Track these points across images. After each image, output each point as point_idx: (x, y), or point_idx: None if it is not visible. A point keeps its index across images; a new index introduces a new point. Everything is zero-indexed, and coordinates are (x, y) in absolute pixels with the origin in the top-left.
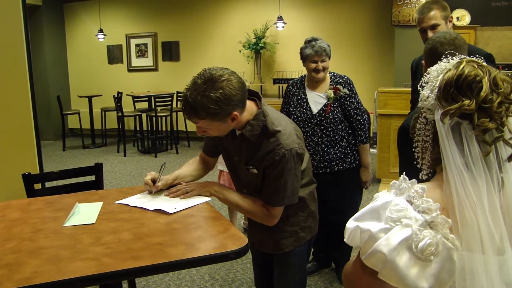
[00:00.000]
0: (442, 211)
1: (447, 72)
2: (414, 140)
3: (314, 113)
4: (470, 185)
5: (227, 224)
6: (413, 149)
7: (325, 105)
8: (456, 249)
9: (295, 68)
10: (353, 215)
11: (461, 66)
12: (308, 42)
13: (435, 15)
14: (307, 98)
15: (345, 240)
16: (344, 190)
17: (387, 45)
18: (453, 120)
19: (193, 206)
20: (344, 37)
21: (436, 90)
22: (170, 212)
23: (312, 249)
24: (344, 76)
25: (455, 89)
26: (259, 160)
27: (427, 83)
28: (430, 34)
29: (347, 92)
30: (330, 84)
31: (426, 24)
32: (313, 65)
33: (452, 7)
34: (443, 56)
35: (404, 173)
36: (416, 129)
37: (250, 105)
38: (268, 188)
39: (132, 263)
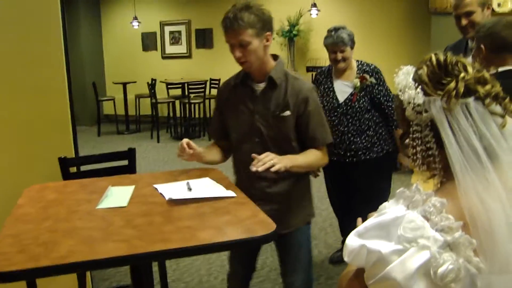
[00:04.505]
0: (464, 228)
1: (418, 70)
2: (412, 158)
3: (340, 102)
4: (491, 180)
5: (256, 210)
6: (416, 169)
7: (351, 94)
8: (481, 272)
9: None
10: (381, 203)
11: (429, 59)
12: (329, 31)
13: (471, 1)
14: (333, 87)
15: (344, 258)
16: (372, 179)
17: (423, 34)
18: (458, 101)
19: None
20: (379, 25)
21: (419, 87)
22: (167, 198)
23: (342, 239)
24: (371, 64)
25: (444, 73)
26: (290, 101)
27: (401, 90)
28: (464, 21)
29: (374, 81)
30: (357, 73)
31: (460, 11)
32: (332, 55)
33: None
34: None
35: (417, 182)
36: (411, 145)
37: (271, 57)
38: (313, 126)
39: (161, 245)
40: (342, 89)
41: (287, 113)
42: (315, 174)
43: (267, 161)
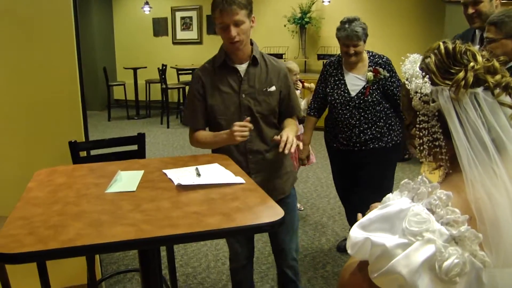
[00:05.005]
0: (470, 221)
1: (425, 58)
2: (418, 148)
3: (352, 95)
4: (500, 172)
5: (264, 197)
6: (422, 160)
7: (364, 88)
8: (486, 266)
9: None
10: (386, 191)
11: (437, 47)
12: (342, 23)
13: None
14: (344, 80)
15: (348, 251)
16: (379, 168)
17: (436, 23)
18: (467, 91)
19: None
20: (391, 14)
21: (427, 77)
22: (176, 183)
23: (349, 227)
24: (383, 56)
25: (452, 62)
26: (273, 78)
27: (408, 79)
28: (470, 10)
29: (387, 74)
30: (369, 65)
31: None
32: (344, 49)
33: None
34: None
35: (423, 174)
36: (418, 136)
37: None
38: (293, 97)
39: (169, 230)
40: (354, 82)
41: (273, 88)
42: (303, 163)
43: (291, 141)
